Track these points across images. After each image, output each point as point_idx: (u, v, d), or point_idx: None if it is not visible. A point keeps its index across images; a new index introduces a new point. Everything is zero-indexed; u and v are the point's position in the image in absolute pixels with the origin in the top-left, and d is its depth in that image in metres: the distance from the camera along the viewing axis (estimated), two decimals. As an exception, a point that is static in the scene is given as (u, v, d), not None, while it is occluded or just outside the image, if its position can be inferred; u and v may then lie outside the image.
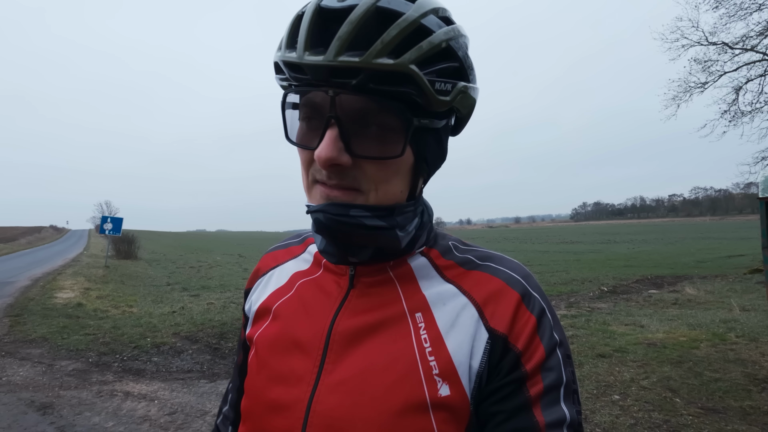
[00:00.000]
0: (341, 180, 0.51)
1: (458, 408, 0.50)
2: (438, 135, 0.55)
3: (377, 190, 0.51)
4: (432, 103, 0.50)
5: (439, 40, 0.49)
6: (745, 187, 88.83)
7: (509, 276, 0.56)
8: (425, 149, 0.54)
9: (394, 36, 0.46)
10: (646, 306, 7.98)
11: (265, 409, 0.56)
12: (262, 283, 0.71)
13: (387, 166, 0.51)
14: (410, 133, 0.50)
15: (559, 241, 38.91)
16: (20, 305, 8.20)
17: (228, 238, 77.56)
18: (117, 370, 4.89)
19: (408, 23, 0.47)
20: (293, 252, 0.72)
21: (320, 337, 0.56)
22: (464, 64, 0.52)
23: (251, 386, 0.60)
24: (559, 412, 0.49)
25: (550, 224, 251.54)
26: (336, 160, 0.48)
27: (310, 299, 0.61)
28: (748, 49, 11.90)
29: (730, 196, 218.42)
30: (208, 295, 9.97)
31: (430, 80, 0.48)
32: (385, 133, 0.50)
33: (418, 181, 0.57)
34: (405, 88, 0.47)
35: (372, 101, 0.48)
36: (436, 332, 0.53)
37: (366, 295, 0.58)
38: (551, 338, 0.52)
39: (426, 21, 0.49)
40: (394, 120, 0.49)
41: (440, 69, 0.50)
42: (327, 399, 0.52)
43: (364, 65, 0.45)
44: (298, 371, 0.55)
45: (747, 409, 3.44)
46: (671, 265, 14.83)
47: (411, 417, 0.49)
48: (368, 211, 0.51)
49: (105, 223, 16.50)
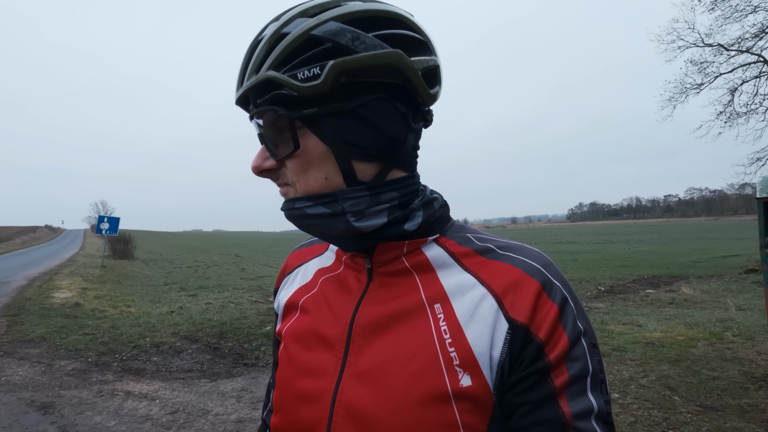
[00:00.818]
0: (278, 179, 0.59)
1: (481, 398, 0.51)
2: (358, 115, 0.54)
3: (299, 180, 0.57)
4: (302, 92, 0.52)
5: (293, 38, 0.52)
6: (740, 187, 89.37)
7: (529, 265, 0.56)
8: (339, 133, 0.54)
9: (257, 54, 0.54)
10: (643, 305, 8.04)
11: (294, 400, 0.58)
12: (289, 280, 0.74)
13: (297, 159, 0.56)
14: (294, 128, 0.54)
15: (556, 242, 39.02)
16: (17, 305, 8.16)
17: (225, 238, 77.33)
18: (117, 370, 4.88)
19: (267, 38, 0.54)
20: (317, 250, 0.74)
21: (343, 330, 0.58)
22: (339, 42, 0.52)
23: (281, 379, 0.63)
24: (586, 402, 0.49)
25: (546, 224, 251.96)
26: (262, 167, 0.58)
27: (332, 294, 0.63)
28: (743, 50, 12.01)
29: (725, 197, 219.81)
30: (206, 295, 9.95)
31: (291, 75, 0.52)
32: (282, 134, 0.56)
33: (350, 163, 0.55)
34: (274, 92, 0.53)
35: (264, 114, 0.55)
36: (455, 323, 0.54)
37: (385, 285, 0.59)
38: (575, 327, 0.52)
39: (288, 28, 0.53)
40: (282, 121, 0.54)
41: (305, 59, 0.52)
42: (351, 390, 0.53)
43: (244, 90, 0.55)
44: (324, 364, 0.57)
45: (745, 406, 3.48)
46: (667, 265, 14.91)
47: (433, 407, 0.50)
48: (310, 201, 0.56)
49: (102, 222, 16.41)
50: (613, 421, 0.51)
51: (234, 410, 3.80)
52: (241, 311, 7.51)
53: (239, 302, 8.58)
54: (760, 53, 11.85)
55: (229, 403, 3.95)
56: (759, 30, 11.44)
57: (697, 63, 12.63)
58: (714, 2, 11.55)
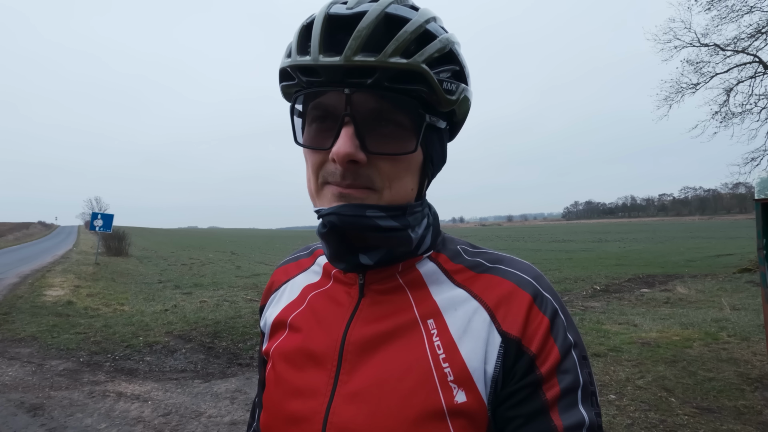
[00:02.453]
0: (355, 179, 0.51)
1: (476, 414, 0.50)
2: (441, 136, 0.57)
3: (391, 187, 0.52)
4: (441, 102, 0.52)
5: (443, 44, 0.52)
6: (734, 187, 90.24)
7: (520, 278, 0.56)
8: (432, 148, 0.56)
9: (406, 38, 0.49)
10: (638, 305, 8.06)
11: (284, 422, 0.56)
12: (276, 298, 0.71)
13: (400, 162, 0.52)
14: (423, 129, 0.51)
15: (551, 240, 39.17)
16: (8, 303, 8.05)
17: (220, 235, 77.00)
18: (109, 370, 4.81)
19: (416, 27, 0.50)
20: (303, 265, 0.72)
21: (334, 349, 0.56)
22: (464, 69, 0.56)
23: (269, 400, 0.60)
24: (578, 416, 0.49)
25: (542, 223, 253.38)
26: (353, 156, 0.49)
27: (322, 311, 0.61)
28: (739, 51, 12.06)
29: (719, 196, 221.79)
30: (200, 293, 9.86)
31: (439, 79, 0.51)
32: (399, 130, 0.51)
33: (425, 181, 0.58)
34: (417, 86, 0.50)
35: (385, 99, 0.50)
36: (449, 338, 0.53)
37: (377, 303, 0.58)
38: (565, 339, 0.52)
39: (430, 27, 0.52)
40: (407, 118, 0.51)
41: (445, 70, 0.53)
42: (343, 410, 0.52)
43: (379, 64, 0.48)
44: (314, 384, 0.55)
45: (741, 408, 3.48)
46: (662, 264, 14.99)
47: (428, 425, 0.48)
48: (383, 212, 0.52)
49: (95, 219, 16.25)
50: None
51: (228, 412, 3.76)
52: (236, 310, 7.46)
53: (234, 300, 8.52)
54: (756, 53, 11.90)
55: (222, 405, 3.90)
56: (755, 30, 11.49)
57: (694, 63, 12.68)
58: (710, 2, 11.59)
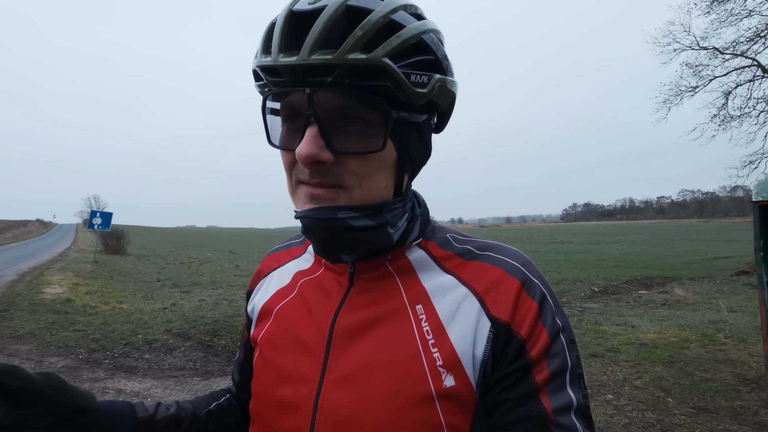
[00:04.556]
0: (324, 178, 0.51)
1: (464, 398, 0.50)
2: (420, 129, 0.55)
3: (361, 185, 0.51)
4: (410, 96, 0.50)
5: (410, 34, 0.49)
6: (732, 190, 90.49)
7: (508, 264, 0.56)
8: (408, 143, 0.54)
9: (366, 32, 0.47)
10: (636, 306, 8.08)
11: (273, 408, 0.57)
12: (265, 284, 0.71)
13: (369, 160, 0.51)
14: (389, 126, 0.49)
15: (550, 241, 39.23)
16: (7, 300, 8.04)
17: (219, 234, 76.87)
18: (108, 367, 4.82)
19: (378, 18, 0.48)
20: (294, 252, 0.72)
21: (323, 335, 0.57)
22: (438, 57, 0.53)
23: (258, 387, 0.61)
24: (566, 397, 0.49)
25: (540, 224, 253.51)
26: (316, 157, 0.48)
27: (312, 298, 0.62)
28: (738, 54, 12.10)
29: (717, 199, 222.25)
30: (199, 291, 9.86)
31: (405, 73, 0.49)
32: (365, 127, 0.50)
33: (403, 177, 0.56)
34: (381, 82, 0.48)
35: (349, 97, 0.48)
36: (437, 323, 0.53)
37: (366, 290, 0.58)
38: (554, 324, 0.53)
39: (396, 16, 0.49)
40: (373, 114, 0.49)
41: (414, 62, 0.50)
42: (333, 396, 0.52)
43: (337, 61, 0.46)
44: (303, 370, 0.56)
45: (737, 409, 3.50)
46: (660, 265, 15.03)
47: (417, 409, 0.49)
48: (356, 212, 0.51)
49: (94, 217, 16.23)
50: (591, 415, 0.52)
51: (227, 409, 3.77)
52: (235, 308, 7.46)
53: (233, 299, 8.52)
54: (755, 57, 11.95)
55: (222, 402, 3.91)
56: (753, 34, 11.53)
57: (693, 66, 12.72)
58: (710, 6, 11.63)
